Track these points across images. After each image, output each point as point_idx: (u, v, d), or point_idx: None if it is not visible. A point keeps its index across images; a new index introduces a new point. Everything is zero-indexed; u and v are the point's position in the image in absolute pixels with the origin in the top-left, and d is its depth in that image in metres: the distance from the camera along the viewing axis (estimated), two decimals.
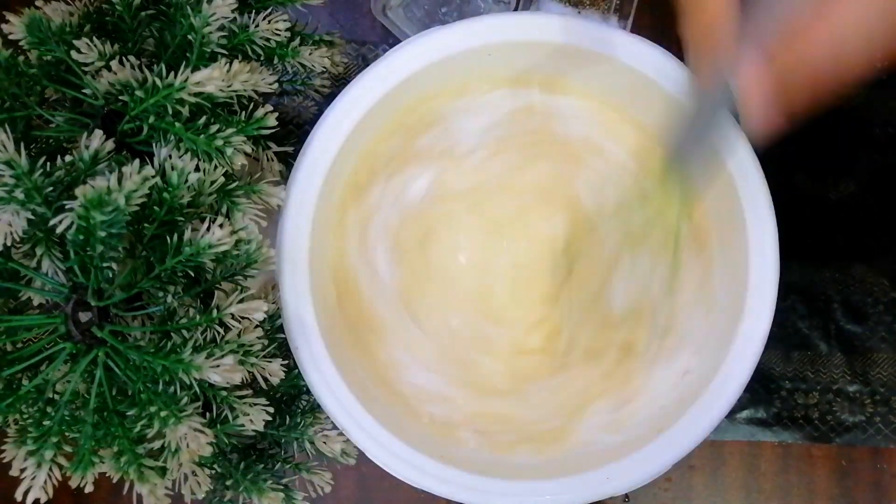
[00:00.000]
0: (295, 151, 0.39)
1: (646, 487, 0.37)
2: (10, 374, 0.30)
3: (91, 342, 0.31)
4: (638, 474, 0.37)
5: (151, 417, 0.30)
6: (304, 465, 0.38)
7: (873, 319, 0.48)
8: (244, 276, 0.33)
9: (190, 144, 0.32)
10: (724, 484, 0.48)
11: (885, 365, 0.48)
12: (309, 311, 0.37)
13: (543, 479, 0.37)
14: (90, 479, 0.30)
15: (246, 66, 0.33)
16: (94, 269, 0.30)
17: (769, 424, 0.48)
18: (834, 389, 0.48)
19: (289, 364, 0.35)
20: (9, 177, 0.29)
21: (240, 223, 0.33)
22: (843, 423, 0.48)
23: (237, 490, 0.36)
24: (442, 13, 0.49)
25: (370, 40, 0.50)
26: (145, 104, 0.32)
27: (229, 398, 0.32)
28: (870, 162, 0.49)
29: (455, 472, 0.37)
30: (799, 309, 0.49)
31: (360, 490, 0.48)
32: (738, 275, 0.38)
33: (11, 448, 0.30)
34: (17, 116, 0.32)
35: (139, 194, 0.29)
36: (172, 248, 0.31)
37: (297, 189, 0.38)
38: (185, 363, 0.29)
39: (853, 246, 0.49)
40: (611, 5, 0.49)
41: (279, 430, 0.37)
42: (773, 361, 0.48)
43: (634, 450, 0.37)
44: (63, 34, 0.33)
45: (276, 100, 0.46)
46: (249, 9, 0.36)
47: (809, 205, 0.48)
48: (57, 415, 0.30)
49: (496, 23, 0.39)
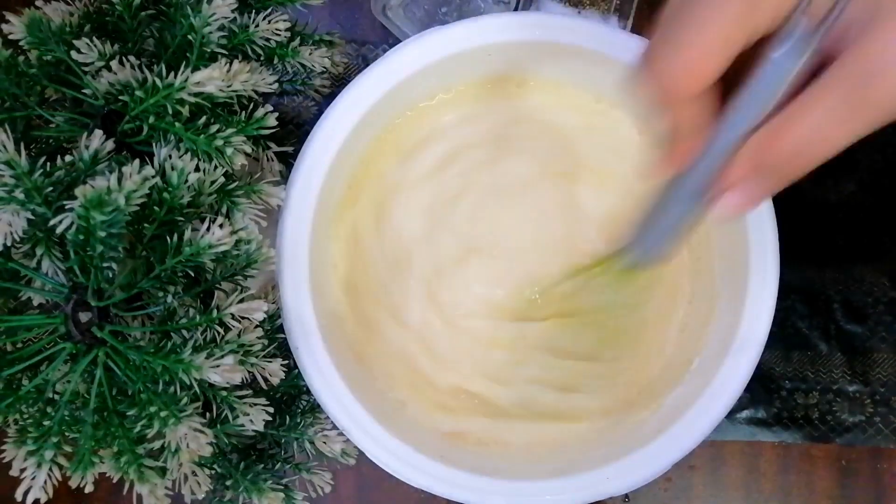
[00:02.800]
0: (295, 151, 0.39)
1: (646, 487, 0.37)
2: (10, 374, 0.30)
3: (91, 342, 0.31)
4: (638, 474, 0.37)
5: (151, 417, 0.30)
6: (304, 465, 0.38)
7: (873, 319, 0.48)
8: (244, 276, 0.33)
9: (190, 144, 0.32)
10: (724, 484, 0.48)
11: (885, 365, 0.48)
12: (309, 311, 0.37)
13: (543, 479, 0.37)
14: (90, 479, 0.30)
15: (246, 66, 0.33)
16: (94, 269, 0.30)
17: (769, 424, 0.48)
18: (834, 389, 0.48)
19: (289, 364, 0.35)
20: (9, 177, 0.29)
21: (240, 223, 0.33)
22: (843, 423, 0.48)
23: (237, 490, 0.36)
24: (442, 13, 0.49)
25: (370, 40, 0.50)
26: (145, 104, 0.32)
27: (229, 398, 0.32)
28: (870, 162, 0.49)
29: (455, 472, 0.37)
30: (799, 309, 0.49)
31: (360, 490, 0.48)
32: (738, 275, 0.38)
33: (11, 448, 0.30)
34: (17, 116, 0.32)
35: (139, 194, 0.29)
36: (172, 248, 0.31)
37: (297, 189, 0.38)
38: (185, 363, 0.29)
39: (853, 246, 0.49)
40: (611, 5, 0.49)
41: (279, 430, 0.37)
42: (773, 361, 0.48)
43: (634, 450, 0.37)
44: (63, 34, 0.33)
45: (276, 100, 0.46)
46: (249, 9, 0.36)
47: (809, 205, 0.48)
48: (57, 415, 0.30)
49: (496, 23, 0.39)
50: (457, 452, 0.39)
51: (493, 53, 0.40)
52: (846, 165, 0.49)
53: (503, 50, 0.40)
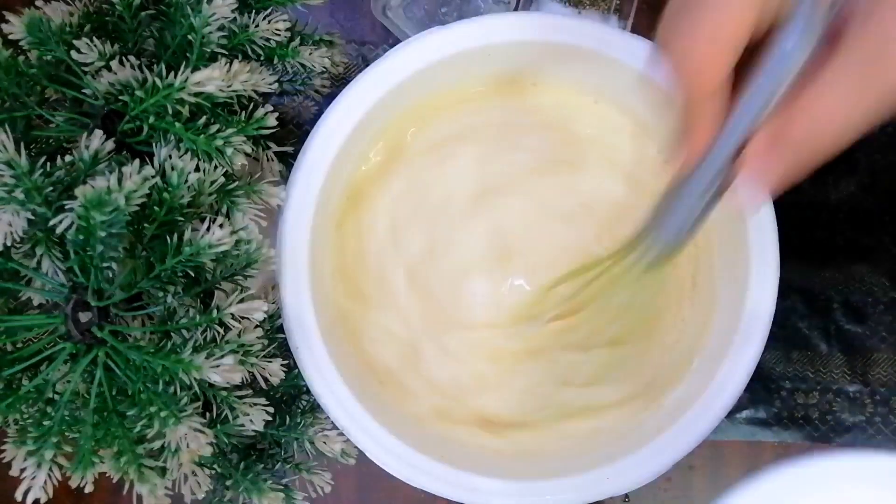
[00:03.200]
0: (295, 151, 0.39)
1: (646, 487, 0.37)
2: (10, 374, 0.30)
3: (91, 342, 0.31)
4: (638, 474, 0.37)
5: (151, 417, 0.30)
6: (304, 465, 0.38)
7: (873, 319, 0.48)
8: (244, 276, 0.33)
9: (190, 144, 0.32)
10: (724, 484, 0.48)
11: (885, 365, 0.48)
12: (309, 311, 0.37)
13: (543, 479, 0.37)
14: (90, 479, 0.30)
15: (246, 66, 0.33)
16: (94, 269, 0.30)
17: (769, 424, 0.48)
18: (834, 389, 0.48)
19: (289, 364, 0.35)
20: (9, 177, 0.29)
21: (240, 223, 0.33)
22: (843, 423, 0.48)
23: (237, 490, 0.36)
24: (442, 13, 0.49)
25: (370, 40, 0.50)
26: (145, 104, 0.32)
27: (229, 398, 0.32)
28: (870, 162, 0.49)
29: (455, 472, 0.37)
30: (799, 309, 0.49)
31: (360, 490, 0.48)
32: (738, 275, 0.38)
33: (11, 448, 0.30)
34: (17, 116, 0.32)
35: (139, 194, 0.29)
36: (172, 248, 0.31)
37: (297, 189, 0.38)
38: (185, 363, 0.29)
39: (853, 246, 0.49)
40: (611, 5, 0.49)
41: (279, 430, 0.37)
42: (773, 361, 0.48)
43: (634, 450, 0.37)
44: (63, 34, 0.33)
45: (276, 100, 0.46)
46: (249, 9, 0.36)
47: (809, 205, 0.48)
48: (57, 415, 0.30)
49: (496, 23, 0.39)
50: (457, 452, 0.39)
51: (493, 53, 0.40)
52: (846, 165, 0.49)
53: (503, 50, 0.39)
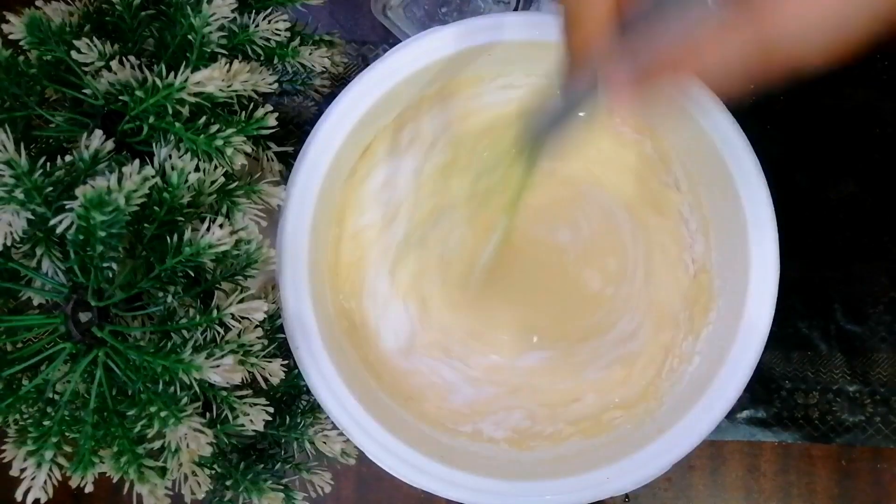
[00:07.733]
0: (295, 151, 0.39)
1: (646, 487, 0.37)
2: (10, 374, 0.30)
3: (91, 342, 0.31)
4: (638, 474, 0.37)
5: (151, 417, 0.30)
6: (304, 465, 0.38)
7: (873, 319, 0.48)
8: (244, 276, 0.33)
9: (190, 144, 0.32)
10: (724, 484, 0.48)
11: (885, 365, 0.48)
12: (309, 311, 0.37)
13: (543, 479, 0.37)
14: (90, 479, 0.30)
15: (246, 66, 0.33)
16: (94, 269, 0.30)
17: (769, 424, 0.48)
18: (834, 389, 0.48)
19: (289, 364, 0.35)
20: (9, 177, 0.29)
21: (240, 223, 0.33)
22: (843, 423, 0.48)
23: (237, 490, 0.36)
24: (442, 13, 0.49)
25: (370, 40, 0.50)
26: (145, 104, 0.32)
27: (229, 398, 0.32)
28: (870, 162, 0.49)
29: (455, 472, 0.37)
30: (799, 309, 0.49)
31: (360, 490, 0.48)
32: (738, 275, 0.38)
33: (11, 448, 0.30)
34: (17, 116, 0.32)
35: (139, 194, 0.29)
36: (172, 248, 0.31)
37: (297, 189, 0.38)
38: (185, 363, 0.29)
39: (853, 246, 0.49)
40: None
41: (279, 430, 0.37)
42: (773, 361, 0.48)
43: (634, 450, 0.37)
44: (63, 34, 0.33)
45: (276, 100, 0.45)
46: (249, 9, 0.36)
47: (809, 205, 0.48)
48: (57, 415, 0.30)
49: (496, 23, 0.39)
50: (457, 452, 0.39)
51: (493, 53, 0.40)
52: (846, 165, 0.49)
53: (503, 50, 0.40)
